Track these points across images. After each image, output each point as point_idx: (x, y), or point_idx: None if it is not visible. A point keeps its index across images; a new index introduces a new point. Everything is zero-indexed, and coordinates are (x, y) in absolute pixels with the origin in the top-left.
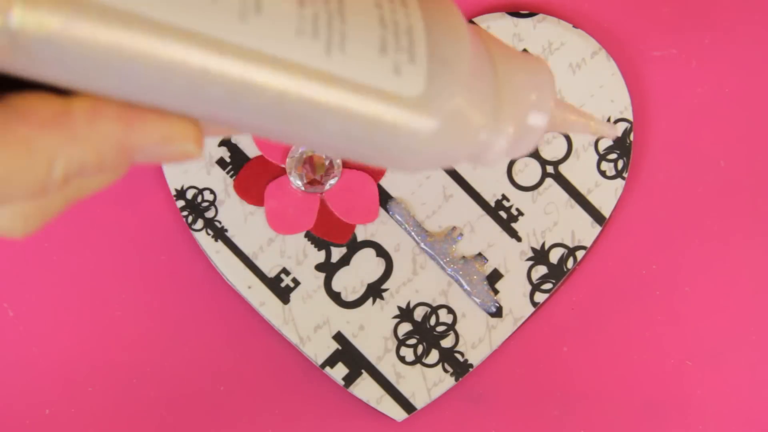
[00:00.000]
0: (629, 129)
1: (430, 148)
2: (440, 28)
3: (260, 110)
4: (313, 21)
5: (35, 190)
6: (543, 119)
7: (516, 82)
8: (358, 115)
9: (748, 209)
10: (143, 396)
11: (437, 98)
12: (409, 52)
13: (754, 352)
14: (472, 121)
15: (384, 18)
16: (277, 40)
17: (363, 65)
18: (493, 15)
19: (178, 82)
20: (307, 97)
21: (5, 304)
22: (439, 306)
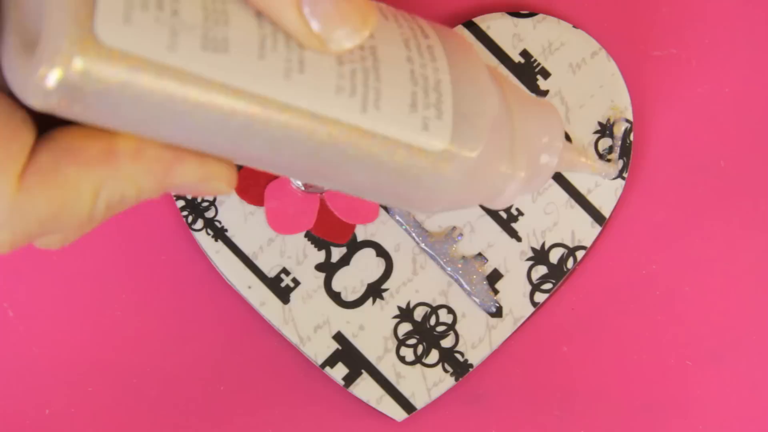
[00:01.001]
0: (629, 129)
1: (451, 194)
2: (465, 82)
3: (297, 158)
4: (351, 78)
5: (81, 223)
6: (553, 161)
7: (529, 127)
8: (388, 166)
9: (748, 209)
10: (143, 396)
11: (460, 152)
12: (437, 108)
13: (754, 352)
14: (490, 170)
15: (415, 73)
16: (318, 98)
17: (395, 122)
18: (493, 15)
19: (224, 133)
20: (341, 149)
21: (5, 304)
22: (439, 306)
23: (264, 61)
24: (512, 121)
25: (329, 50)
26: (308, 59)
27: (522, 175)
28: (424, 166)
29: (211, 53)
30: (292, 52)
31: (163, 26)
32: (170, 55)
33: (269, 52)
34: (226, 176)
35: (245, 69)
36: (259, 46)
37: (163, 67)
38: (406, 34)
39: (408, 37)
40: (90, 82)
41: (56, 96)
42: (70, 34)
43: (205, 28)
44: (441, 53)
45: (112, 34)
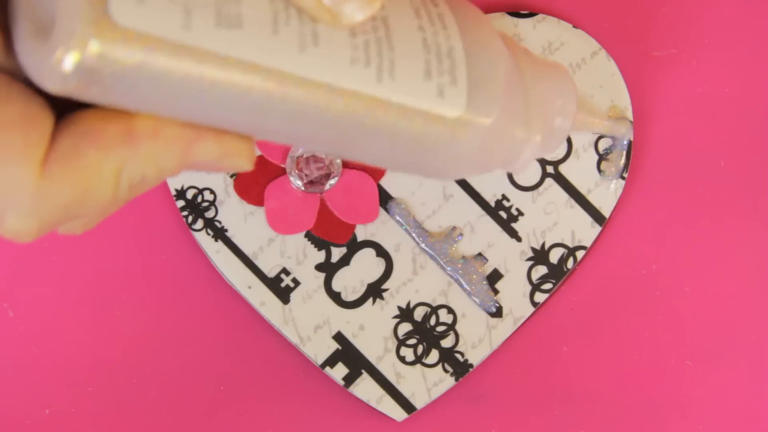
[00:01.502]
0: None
1: (468, 161)
2: (478, 48)
3: (315, 131)
4: (365, 49)
5: (105, 205)
6: (567, 123)
7: (543, 91)
8: (405, 134)
9: (748, 209)
10: (143, 396)
11: (476, 117)
12: (451, 75)
13: (754, 352)
14: (506, 135)
15: (427, 41)
16: (334, 70)
17: (411, 90)
18: (493, 15)
19: (242, 109)
20: (359, 120)
21: (5, 304)
22: (439, 306)
23: (278, 35)
24: (525, 86)
25: (341, 23)
26: (321, 32)
27: (538, 138)
28: (441, 133)
29: (225, 30)
30: (305, 26)
31: (176, 5)
32: (185, 33)
33: (282, 27)
34: (245, 152)
35: (260, 44)
36: (272, 21)
37: (178, 45)
38: (416, 2)
39: (418, 5)
40: (107, 63)
41: (74, 79)
42: (84, 17)
43: (218, 5)
44: (452, 20)
45: (127, 14)
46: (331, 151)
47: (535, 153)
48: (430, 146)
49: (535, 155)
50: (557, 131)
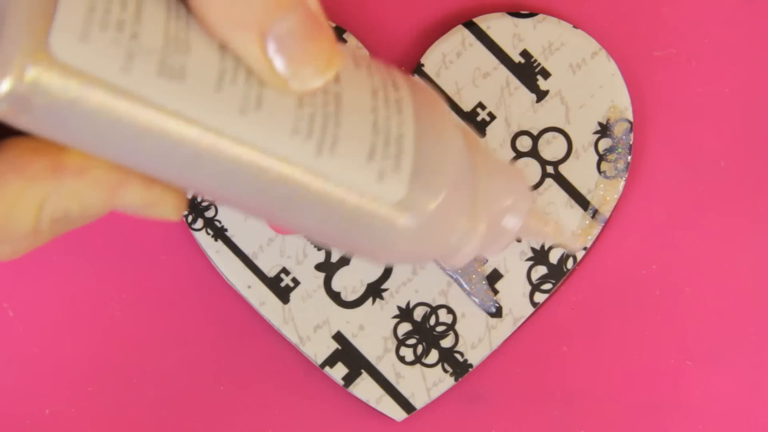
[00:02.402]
0: (629, 129)
1: (402, 248)
2: (430, 137)
3: (246, 194)
4: (309, 121)
5: (24, 235)
6: (514, 226)
7: (494, 189)
8: (338, 213)
9: (748, 209)
10: (143, 396)
11: (415, 205)
12: (395, 160)
13: (754, 352)
14: (445, 228)
15: (377, 123)
16: (272, 137)
17: (349, 169)
18: (493, 15)
19: (172, 160)
20: (291, 190)
21: (5, 304)
22: (438, 306)
23: (220, 93)
24: (476, 182)
25: (290, 90)
26: (267, 97)
27: (480, 233)
28: (377, 216)
29: (166, 80)
30: (251, 89)
31: (119, 47)
32: (123, 77)
33: (227, 86)
34: (172, 203)
35: (199, 99)
36: (217, 79)
37: (114, 87)
38: (376, 84)
39: (377, 87)
40: (39, 94)
41: (5, 104)
42: (23, 45)
43: (164, 54)
44: (408, 107)
45: (67, 49)
46: (262, 216)
47: (475, 250)
48: (364, 228)
49: (476, 253)
50: (505, 232)
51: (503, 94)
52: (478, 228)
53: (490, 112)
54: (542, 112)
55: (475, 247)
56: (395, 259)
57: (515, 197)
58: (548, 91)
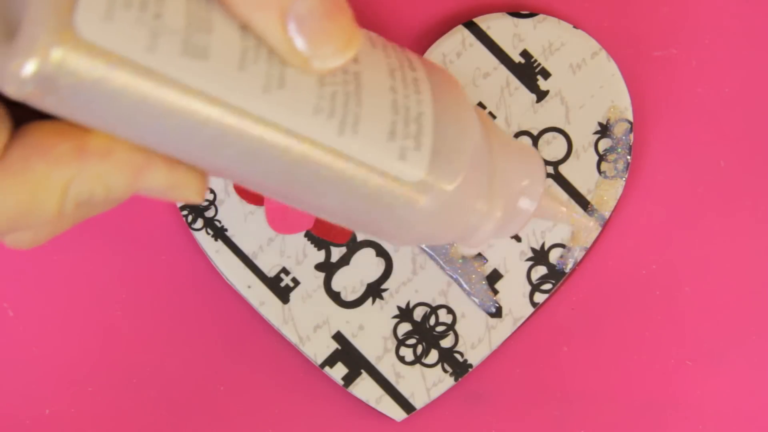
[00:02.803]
0: (629, 129)
1: (422, 228)
2: (448, 117)
3: (269, 174)
4: (331, 100)
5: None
6: (531, 207)
7: (510, 170)
8: (360, 192)
9: (748, 209)
10: (143, 396)
11: (435, 186)
12: (416, 140)
13: (754, 352)
14: (464, 207)
15: (397, 103)
16: (295, 116)
17: (371, 148)
18: (493, 15)
19: (196, 140)
20: (314, 170)
21: (5, 304)
22: (438, 306)
23: (243, 72)
24: (493, 162)
25: (311, 69)
26: (289, 76)
27: (498, 215)
28: (398, 196)
29: (190, 59)
30: (273, 67)
31: (144, 27)
32: (148, 56)
33: (250, 65)
34: (195, 186)
35: (223, 78)
36: (240, 58)
37: (139, 67)
38: (393, 64)
39: (394, 67)
40: (65, 74)
41: (30, 86)
42: (49, 25)
43: (187, 33)
44: (426, 87)
45: (92, 28)
46: (284, 197)
47: (493, 231)
48: (385, 208)
49: (493, 234)
50: (520, 212)
51: (503, 94)
52: (495, 209)
53: (490, 112)
54: (542, 112)
55: (493, 228)
56: (414, 239)
57: (531, 178)
58: (548, 92)
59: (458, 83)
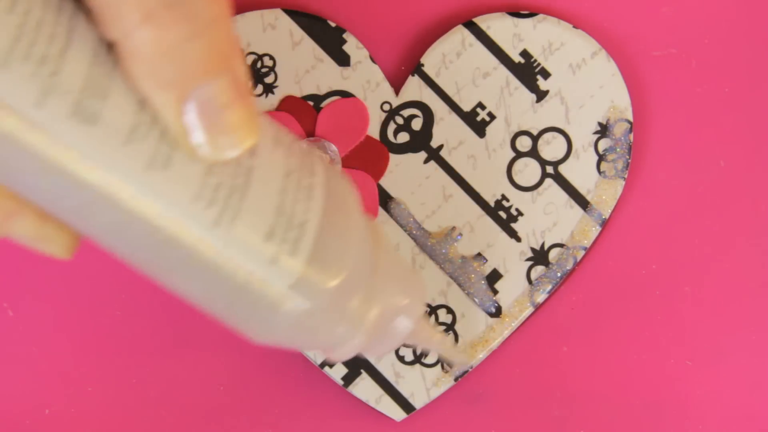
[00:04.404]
0: (629, 129)
1: (283, 333)
2: (334, 230)
3: (137, 250)
4: (214, 190)
5: None
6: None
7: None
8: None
9: (748, 209)
10: (143, 396)
11: (303, 293)
12: (293, 245)
13: (754, 352)
14: (331, 321)
15: (283, 206)
16: (172, 199)
17: (244, 245)
18: (493, 15)
19: (69, 202)
20: (182, 255)
21: (5, 304)
22: (438, 306)
23: (129, 145)
24: (374, 279)
25: (201, 157)
26: (177, 159)
27: (368, 332)
28: (263, 297)
29: (77, 122)
30: (162, 147)
31: (37, 81)
32: (35, 111)
33: (138, 139)
34: (63, 243)
35: (107, 147)
36: (129, 130)
37: (24, 119)
38: (292, 166)
39: (293, 169)
40: None
41: None
42: None
43: (81, 96)
44: (319, 195)
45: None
46: (151, 274)
47: (363, 345)
48: (248, 306)
49: (365, 350)
50: (395, 333)
51: (503, 94)
52: (363, 328)
53: (490, 112)
54: (542, 112)
55: (359, 344)
56: (275, 340)
57: (410, 299)
58: (548, 91)
59: (355, 195)
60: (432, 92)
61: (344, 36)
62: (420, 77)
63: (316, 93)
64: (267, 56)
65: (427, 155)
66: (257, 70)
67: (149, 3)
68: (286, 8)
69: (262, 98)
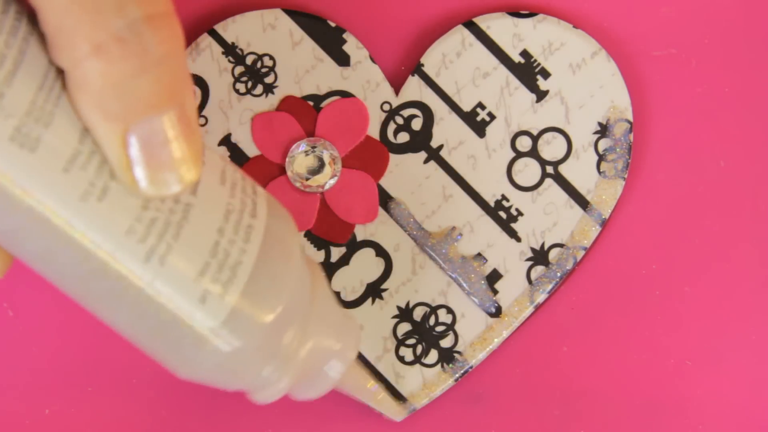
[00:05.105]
0: (629, 129)
1: (206, 372)
2: (269, 272)
3: (67, 277)
4: (148, 225)
5: None
6: (337, 372)
7: (323, 332)
8: (151, 321)
9: (748, 209)
10: (143, 396)
11: (228, 336)
12: (224, 287)
13: (754, 352)
14: (257, 363)
15: (219, 245)
16: (104, 231)
17: (174, 283)
18: (493, 15)
19: (1, 223)
20: (109, 287)
21: (5, 304)
22: (438, 306)
23: (67, 174)
24: (307, 322)
25: (138, 191)
26: (113, 191)
27: (296, 373)
28: (188, 335)
29: (17, 146)
30: (100, 178)
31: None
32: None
33: (77, 168)
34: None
35: (43, 175)
36: (69, 159)
37: None
38: (234, 206)
39: (234, 209)
40: None
41: None
42: None
43: (23, 121)
44: (258, 238)
45: None
46: (80, 302)
47: (287, 389)
48: (173, 343)
49: (289, 391)
50: (325, 377)
51: (503, 94)
52: (292, 368)
53: (490, 112)
54: (542, 112)
55: (286, 387)
56: (199, 378)
57: (344, 345)
58: (548, 91)
59: (297, 238)
60: (432, 92)
61: (344, 36)
62: (420, 77)
63: (316, 93)
64: (267, 56)
65: (427, 155)
66: (257, 70)
67: (101, 35)
68: (286, 8)
69: (262, 98)
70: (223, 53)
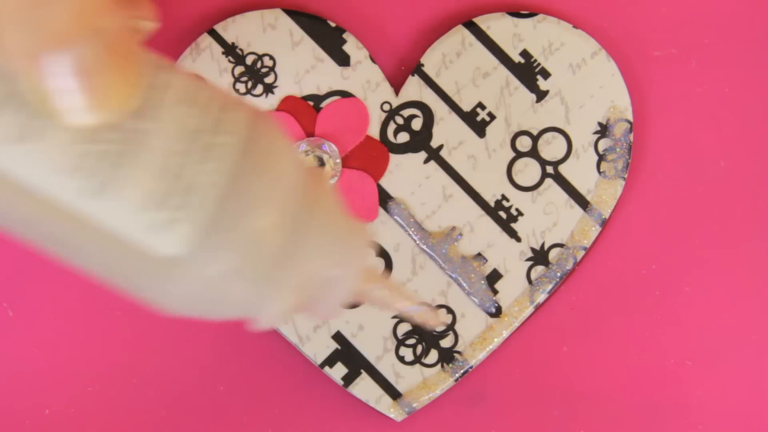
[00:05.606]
0: (629, 129)
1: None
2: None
3: (12, 224)
4: (79, 159)
5: None
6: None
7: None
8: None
9: (748, 209)
10: (143, 396)
11: (198, 263)
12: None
13: (754, 352)
14: (241, 288)
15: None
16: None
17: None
18: (493, 15)
19: None
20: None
21: (5, 304)
22: (438, 306)
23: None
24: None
25: (66, 122)
26: (36, 129)
27: (284, 299)
28: (150, 267)
29: None
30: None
31: None
32: None
33: (9, 112)
34: None
35: None
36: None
37: None
38: (203, 125)
39: (200, 129)
40: None
41: None
42: None
43: None
44: (231, 155)
45: None
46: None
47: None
48: (135, 278)
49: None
50: (331, 298)
51: (503, 94)
52: (284, 294)
53: (490, 112)
54: (542, 112)
55: (281, 312)
56: (176, 310)
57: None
58: (548, 91)
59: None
60: (432, 92)
61: (344, 36)
62: (420, 77)
63: (316, 93)
64: (267, 56)
65: (427, 155)
66: (257, 70)
67: None
68: (286, 8)
69: (262, 98)
70: (223, 53)
